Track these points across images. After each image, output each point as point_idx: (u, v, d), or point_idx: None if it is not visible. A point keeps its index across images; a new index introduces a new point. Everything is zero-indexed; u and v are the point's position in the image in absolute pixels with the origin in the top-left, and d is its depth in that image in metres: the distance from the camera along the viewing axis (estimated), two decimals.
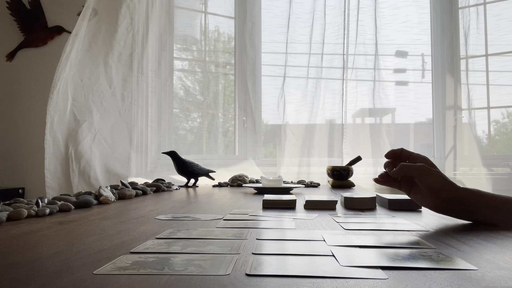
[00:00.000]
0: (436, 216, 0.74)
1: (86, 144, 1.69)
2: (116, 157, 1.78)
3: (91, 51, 1.73)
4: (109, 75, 1.78)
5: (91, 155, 1.69)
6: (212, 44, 2.27)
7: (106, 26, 1.77)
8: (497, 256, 0.42)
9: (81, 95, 1.70)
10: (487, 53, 2.07)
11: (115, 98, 1.80)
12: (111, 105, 1.79)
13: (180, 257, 0.40)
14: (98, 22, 1.75)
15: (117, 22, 1.79)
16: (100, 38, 1.75)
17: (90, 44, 1.73)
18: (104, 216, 0.72)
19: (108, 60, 1.77)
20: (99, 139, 1.73)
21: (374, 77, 2.07)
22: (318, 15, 2.09)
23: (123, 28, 1.83)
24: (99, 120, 1.73)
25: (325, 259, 0.40)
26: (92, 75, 1.72)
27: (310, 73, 2.09)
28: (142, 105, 1.94)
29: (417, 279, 0.33)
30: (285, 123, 2.09)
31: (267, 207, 0.85)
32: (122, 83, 1.83)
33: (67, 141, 1.66)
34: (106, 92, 1.77)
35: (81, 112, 1.70)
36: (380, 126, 2.08)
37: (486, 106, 2.04)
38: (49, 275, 0.34)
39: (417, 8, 2.16)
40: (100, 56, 1.75)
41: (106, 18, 1.77)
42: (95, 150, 1.70)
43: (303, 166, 2.02)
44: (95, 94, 1.73)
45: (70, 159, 1.66)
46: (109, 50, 1.78)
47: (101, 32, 1.76)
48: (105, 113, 1.76)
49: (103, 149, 1.75)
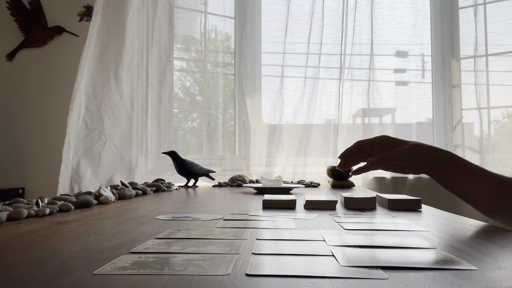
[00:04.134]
0: (436, 216, 0.74)
1: (95, 151, 1.71)
2: (124, 164, 1.80)
3: (102, 62, 1.76)
4: (120, 88, 1.81)
5: (99, 163, 1.71)
6: (212, 44, 2.27)
7: (114, 37, 1.79)
8: (497, 256, 0.42)
9: (93, 105, 1.73)
10: (487, 53, 2.07)
11: (125, 107, 1.83)
12: (122, 113, 1.82)
13: (180, 257, 0.40)
14: (108, 32, 1.77)
15: (124, 31, 1.81)
16: (110, 50, 1.78)
17: (101, 56, 1.76)
18: (104, 216, 0.72)
19: (118, 72, 1.80)
20: (109, 146, 1.75)
21: (372, 77, 2.07)
22: (317, 17, 2.09)
23: (130, 37, 1.84)
24: (110, 128, 1.76)
25: (325, 259, 0.40)
26: (104, 87, 1.76)
27: (308, 74, 2.09)
28: (148, 106, 1.95)
29: (417, 279, 0.33)
30: (283, 123, 2.09)
31: (267, 207, 0.85)
32: (131, 93, 1.86)
33: (76, 148, 1.68)
34: (117, 103, 1.80)
35: (92, 120, 1.73)
36: (379, 126, 2.09)
37: (486, 106, 2.05)
38: (49, 275, 0.34)
39: (413, 9, 2.16)
40: (111, 69, 1.78)
41: (114, 29, 1.79)
42: (103, 158, 1.72)
43: (299, 166, 2.02)
44: (107, 105, 1.76)
45: (76, 167, 1.67)
46: (119, 62, 1.80)
47: (110, 44, 1.78)
48: (116, 121, 1.80)
49: (113, 155, 1.77)
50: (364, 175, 2.02)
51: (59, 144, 1.65)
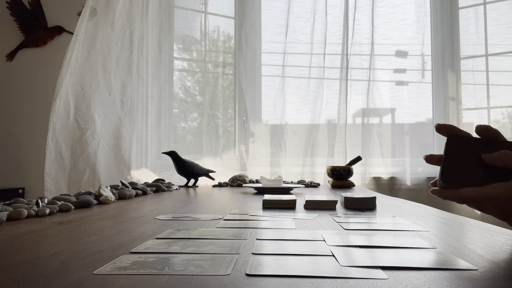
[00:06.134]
0: (436, 216, 0.74)
1: (91, 150, 1.70)
2: (121, 161, 1.79)
3: (90, 58, 1.72)
4: (108, 82, 1.77)
5: (96, 162, 1.70)
6: (212, 44, 2.27)
7: (103, 28, 1.75)
8: (497, 256, 0.42)
9: (83, 104, 1.71)
10: (487, 53, 2.07)
11: (114, 104, 1.80)
12: (111, 112, 1.79)
13: (180, 257, 0.40)
14: (96, 25, 1.73)
15: (113, 21, 1.77)
16: (98, 43, 1.73)
17: (88, 51, 1.72)
18: (104, 216, 0.72)
19: (106, 65, 1.76)
20: (102, 145, 1.74)
21: (372, 77, 2.07)
22: (320, 14, 2.09)
23: (119, 27, 1.80)
24: (101, 127, 1.74)
25: (325, 259, 0.40)
26: (92, 83, 1.72)
27: (311, 73, 2.09)
28: (142, 107, 1.94)
29: (417, 279, 0.33)
30: (284, 123, 2.09)
31: (267, 207, 0.85)
32: (121, 89, 1.82)
33: (71, 148, 1.67)
34: (106, 100, 1.76)
35: (84, 120, 1.71)
36: (378, 126, 2.09)
37: (486, 106, 2.04)
38: (49, 275, 0.34)
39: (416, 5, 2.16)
40: (99, 63, 1.74)
41: (103, 20, 1.75)
42: (100, 156, 1.72)
43: (307, 166, 2.02)
44: (96, 102, 1.73)
45: (74, 167, 1.67)
46: (107, 55, 1.76)
47: (98, 35, 1.74)
48: (106, 120, 1.77)
49: (106, 153, 1.76)
50: (364, 175, 2.02)
51: None
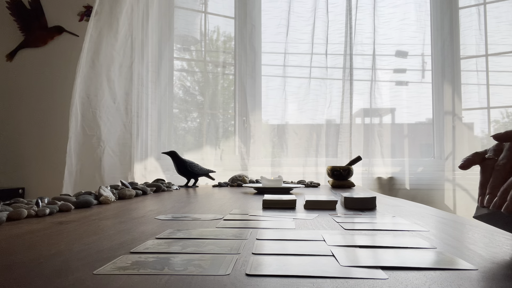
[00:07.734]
0: (436, 216, 0.74)
1: (96, 157, 1.72)
2: (126, 167, 1.82)
3: (94, 67, 1.75)
4: (112, 91, 1.81)
5: (101, 167, 1.73)
6: (212, 44, 2.27)
7: (106, 38, 1.78)
8: (497, 256, 0.42)
9: (89, 111, 1.74)
10: (487, 53, 2.07)
11: (119, 112, 1.84)
12: (116, 119, 1.82)
13: (180, 257, 0.40)
14: (99, 36, 1.76)
15: (117, 30, 1.80)
16: (102, 53, 1.77)
17: (93, 61, 1.75)
18: (104, 216, 0.72)
19: (110, 74, 1.79)
20: (107, 152, 1.76)
21: (375, 77, 2.07)
22: (321, 12, 2.09)
23: (122, 35, 1.83)
24: (106, 134, 1.77)
25: (325, 259, 0.40)
26: (98, 92, 1.76)
27: (312, 73, 2.09)
28: (145, 113, 1.95)
29: (417, 279, 0.33)
30: (285, 123, 2.09)
31: (267, 207, 0.85)
32: (124, 97, 1.85)
33: (78, 155, 1.69)
34: (111, 108, 1.80)
35: (90, 128, 1.74)
36: (379, 126, 2.09)
37: (486, 106, 2.04)
38: (49, 275, 0.34)
39: (416, 4, 2.16)
40: (103, 72, 1.77)
41: (107, 30, 1.78)
42: (104, 162, 1.74)
43: (308, 166, 2.02)
44: (101, 110, 1.76)
45: (81, 172, 1.69)
46: (111, 64, 1.79)
47: (102, 46, 1.77)
48: (112, 127, 1.80)
49: (111, 159, 1.78)
50: (364, 175, 2.02)
51: (59, 144, 1.65)
